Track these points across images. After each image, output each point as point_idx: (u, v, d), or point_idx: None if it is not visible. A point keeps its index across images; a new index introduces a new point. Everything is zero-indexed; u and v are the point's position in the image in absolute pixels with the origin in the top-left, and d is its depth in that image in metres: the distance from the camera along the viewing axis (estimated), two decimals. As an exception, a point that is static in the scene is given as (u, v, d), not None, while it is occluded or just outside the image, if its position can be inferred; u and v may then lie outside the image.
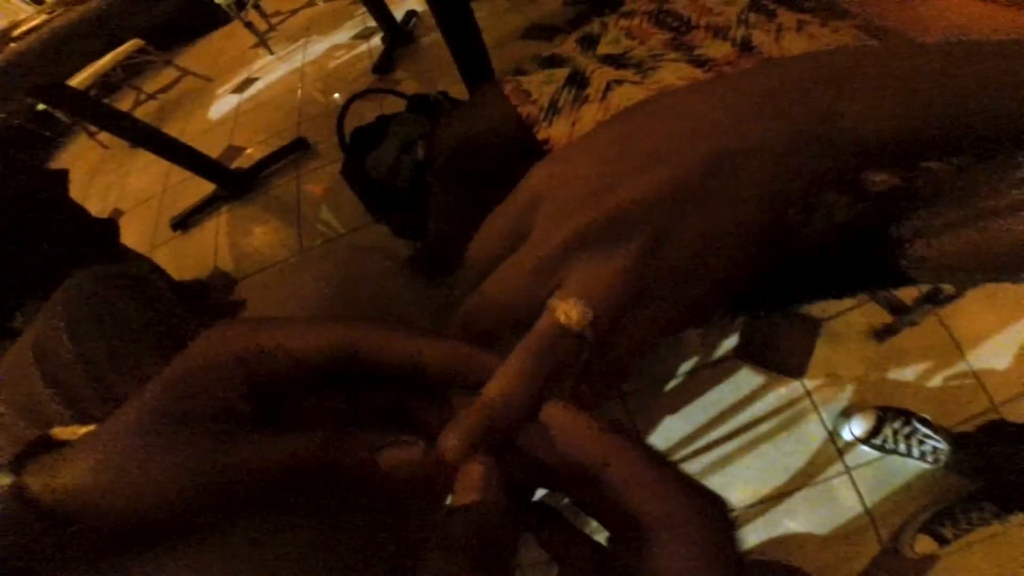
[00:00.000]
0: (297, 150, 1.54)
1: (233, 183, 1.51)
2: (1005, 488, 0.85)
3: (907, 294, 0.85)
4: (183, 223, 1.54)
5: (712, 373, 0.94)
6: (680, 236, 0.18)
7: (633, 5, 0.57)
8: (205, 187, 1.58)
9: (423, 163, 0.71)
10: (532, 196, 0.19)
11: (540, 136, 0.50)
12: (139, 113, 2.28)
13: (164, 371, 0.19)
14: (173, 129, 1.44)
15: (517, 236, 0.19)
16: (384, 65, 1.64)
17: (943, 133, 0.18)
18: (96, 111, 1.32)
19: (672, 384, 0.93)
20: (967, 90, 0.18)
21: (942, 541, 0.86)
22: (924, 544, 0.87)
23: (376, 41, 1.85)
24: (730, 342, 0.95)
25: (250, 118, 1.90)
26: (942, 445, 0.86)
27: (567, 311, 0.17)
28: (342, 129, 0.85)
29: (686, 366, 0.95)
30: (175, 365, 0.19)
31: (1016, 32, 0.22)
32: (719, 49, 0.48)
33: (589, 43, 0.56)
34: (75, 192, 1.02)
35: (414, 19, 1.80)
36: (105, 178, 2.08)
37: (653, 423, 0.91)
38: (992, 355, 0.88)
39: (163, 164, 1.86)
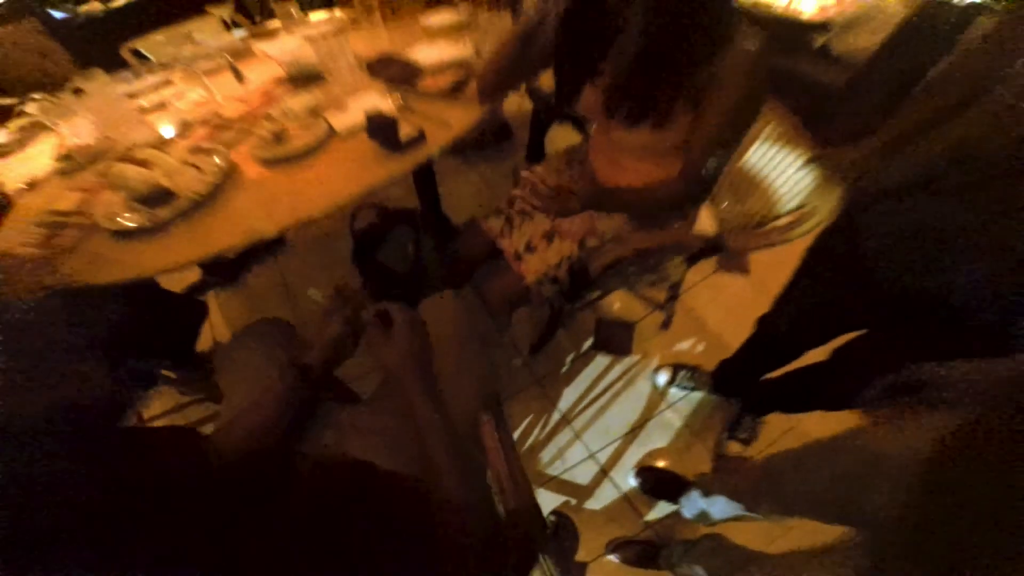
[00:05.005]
0: (275, 243, 1.86)
1: (222, 270, 1.76)
2: (750, 402, 1.27)
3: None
4: (176, 310, 1.76)
5: (584, 360, 1.51)
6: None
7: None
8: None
9: (415, 259, 1.23)
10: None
11: (501, 246, 1.08)
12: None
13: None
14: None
15: None
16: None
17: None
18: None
19: (564, 369, 1.50)
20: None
21: (744, 443, 1.25)
22: (735, 447, 1.26)
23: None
24: (589, 342, 1.54)
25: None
26: (710, 380, 1.37)
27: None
28: (354, 227, 1.32)
29: (569, 357, 1.52)
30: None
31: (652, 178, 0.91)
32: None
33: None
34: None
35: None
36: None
37: (559, 392, 1.44)
38: (723, 324, 1.51)
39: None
